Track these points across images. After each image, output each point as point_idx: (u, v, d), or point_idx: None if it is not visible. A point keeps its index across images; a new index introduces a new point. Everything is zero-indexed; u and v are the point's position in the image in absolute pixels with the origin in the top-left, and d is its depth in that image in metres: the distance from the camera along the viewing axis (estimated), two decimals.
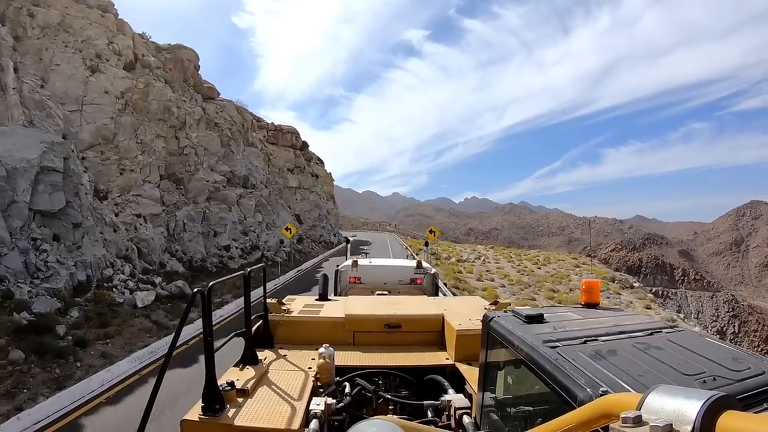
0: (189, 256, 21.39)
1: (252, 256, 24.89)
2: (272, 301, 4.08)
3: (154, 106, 23.19)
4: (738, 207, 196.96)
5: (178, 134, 24.43)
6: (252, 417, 2.42)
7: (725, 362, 1.76)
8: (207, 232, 23.58)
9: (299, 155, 52.12)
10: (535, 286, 25.39)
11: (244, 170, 29.13)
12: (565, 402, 1.62)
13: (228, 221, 24.70)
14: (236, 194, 26.72)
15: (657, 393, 0.98)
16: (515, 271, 30.32)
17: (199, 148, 25.36)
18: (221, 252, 23.25)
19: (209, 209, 24.24)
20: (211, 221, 24.08)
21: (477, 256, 36.22)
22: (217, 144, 26.80)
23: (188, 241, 21.72)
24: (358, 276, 7.60)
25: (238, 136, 30.05)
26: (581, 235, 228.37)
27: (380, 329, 3.94)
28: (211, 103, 29.58)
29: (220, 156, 26.78)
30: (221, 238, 23.85)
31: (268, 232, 28.94)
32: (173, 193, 22.88)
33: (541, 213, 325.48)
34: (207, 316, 2.36)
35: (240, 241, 25.20)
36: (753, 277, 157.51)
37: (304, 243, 40.44)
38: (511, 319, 2.33)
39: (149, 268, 18.41)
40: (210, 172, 25.67)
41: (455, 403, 2.76)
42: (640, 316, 2.56)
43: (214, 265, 22.14)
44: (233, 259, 23.39)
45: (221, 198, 25.41)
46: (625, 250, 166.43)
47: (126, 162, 21.15)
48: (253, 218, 27.75)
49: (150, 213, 20.61)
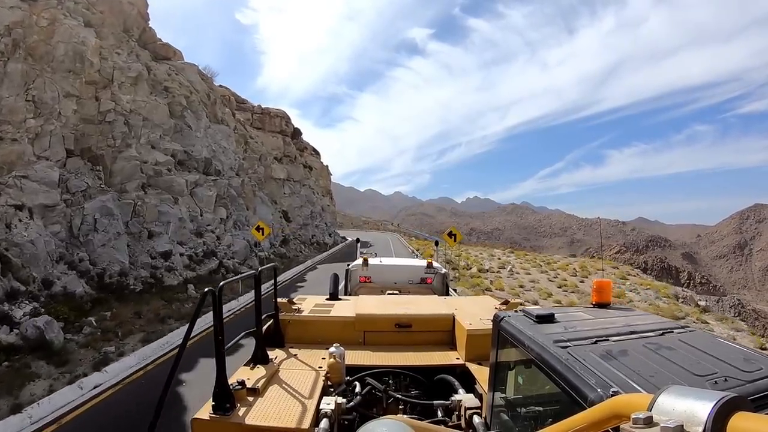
0: (100, 267, 14.49)
1: (204, 266, 17.94)
2: (283, 301, 4.07)
3: (60, 51, 16.26)
4: (742, 210, 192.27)
5: (100, 94, 17.50)
6: (262, 416, 2.42)
7: (737, 363, 1.73)
8: (137, 232, 16.66)
9: (289, 143, 45.14)
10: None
11: (206, 152, 22.19)
12: (575, 402, 1.60)
13: (172, 217, 17.78)
14: (188, 181, 19.76)
15: (668, 394, 0.96)
16: (555, 285, 23.41)
17: (133, 117, 18.42)
18: (156, 261, 16.32)
19: (143, 201, 17.32)
20: (146, 217, 17.17)
21: (500, 263, 29.22)
22: (163, 114, 19.86)
23: (100, 246, 14.81)
24: (369, 275, 7.56)
25: (199, 108, 23.09)
26: (584, 236, 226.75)
27: (391, 329, 3.90)
28: (163, 64, 22.64)
29: (166, 130, 19.83)
30: (159, 240, 16.93)
31: (235, 233, 22.00)
32: (85, 176, 15.97)
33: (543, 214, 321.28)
34: (218, 315, 2.40)
35: (190, 245, 18.26)
36: (756, 281, 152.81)
37: (290, 245, 33.47)
38: (522, 318, 2.33)
39: (19, 290, 11.56)
40: (150, 149, 18.74)
41: (465, 403, 2.74)
42: (651, 316, 2.53)
43: (140, 281, 15.23)
44: (174, 270, 16.46)
45: (164, 185, 18.49)
46: (630, 252, 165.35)
47: (7, 128, 14.26)
48: (213, 214, 20.80)
49: (40, 203, 13.70)
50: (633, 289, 23.93)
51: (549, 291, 21.40)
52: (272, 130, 42.91)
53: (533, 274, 25.53)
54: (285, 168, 40.74)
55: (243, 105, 42.37)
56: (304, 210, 43.06)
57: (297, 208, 41.17)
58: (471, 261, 28.42)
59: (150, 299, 14.04)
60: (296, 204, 41.10)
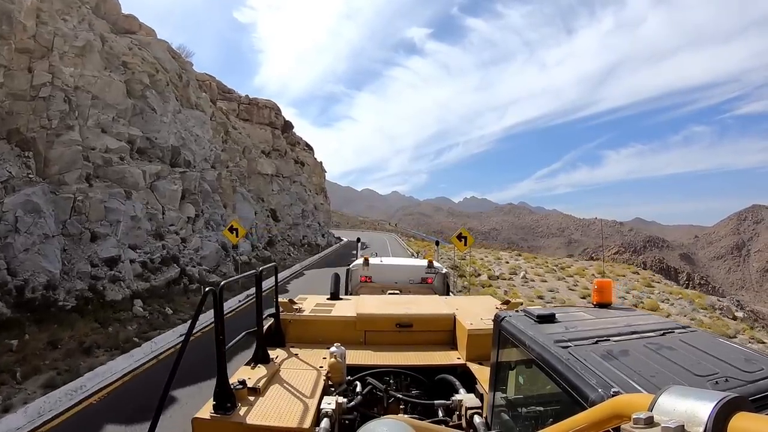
0: (20, 279, 11.35)
1: (161, 275, 14.75)
2: (284, 300, 4.02)
3: None
4: (739, 211, 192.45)
5: (34, 65, 14.32)
6: (263, 415, 2.42)
7: (738, 363, 1.73)
8: (77, 234, 13.50)
9: (279, 136, 41.91)
10: None
11: (174, 139, 19.02)
12: (576, 402, 1.60)
13: (122, 215, 14.63)
14: (147, 172, 16.59)
15: (669, 394, 0.97)
16: (576, 295, 20.46)
17: (78, 94, 15.25)
18: (98, 270, 13.16)
19: (87, 195, 14.16)
20: (89, 216, 14.02)
21: (510, 268, 26.21)
22: (118, 92, 16.68)
23: (22, 251, 11.66)
24: (369, 275, 7.54)
25: (167, 89, 19.89)
26: (581, 236, 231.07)
27: (391, 328, 3.90)
28: (125, 38, 19.45)
29: (122, 111, 16.65)
30: (104, 244, 13.78)
31: (207, 235, 18.84)
32: (9, 164, 12.81)
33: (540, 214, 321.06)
34: (219, 315, 2.39)
35: (145, 249, 15.09)
36: (754, 282, 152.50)
37: (277, 247, 30.34)
38: (523, 318, 2.33)
39: None
40: (99, 134, 15.58)
41: (466, 403, 2.74)
42: (652, 317, 2.53)
43: (74, 296, 12.07)
44: (120, 281, 13.31)
45: (115, 177, 15.33)
46: (628, 252, 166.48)
47: None
48: (177, 212, 17.63)
49: None
50: (664, 299, 20.97)
51: (572, 303, 18.41)
52: (260, 122, 39.69)
53: (550, 282, 22.52)
54: (273, 163, 37.54)
55: (229, 95, 39.15)
56: (295, 208, 39.90)
57: (286, 206, 38.01)
58: (479, 266, 25.37)
59: (78, 321, 10.89)
60: (286, 202, 37.93)
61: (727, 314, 22.53)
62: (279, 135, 41.88)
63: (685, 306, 20.19)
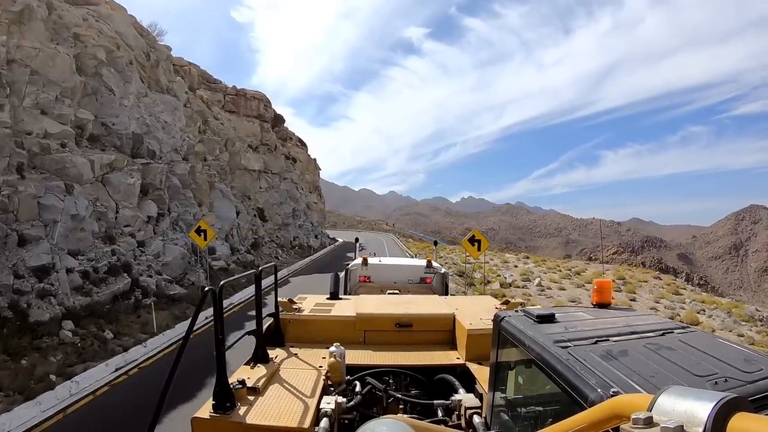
0: None
1: (107, 288, 12.01)
2: (283, 300, 4.00)
3: None
4: (737, 211, 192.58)
5: None
6: (263, 415, 2.40)
7: (737, 363, 1.72)
8: (0, 237, 10.79)
9: (268, 129, 39.13)
10: None
11: (136, 126, 16.29)
12: (575, 402, 1.58)
13: (61, 214, 11.91)
14: (97, 163, 13.86)
15: (668, 394, 0.96)
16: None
17: (14, 69, 12.55)
18: (24, 282, 10.44)
19: (16, 189, 11.44)
20: (17, 214, 11.30)
21: (521, 273, 23.62)
22: (65, 67, 13.95)
23: None
24: (368, 275, 7.57)
25: (128, 68, 17.14)
26: (579, 236, 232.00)
27: (391, 328, 3.88)
28: (80, 8, 16.71)
29: (68, 90, 13.92)
30: (34, 250, 11.06)
31: (172, 237, 16.11)
32: None
33: (538, 214, 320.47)
34: (218, 315, 2.37)
35: (89, 256, 12.36)
36: (752, 282, 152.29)
37: (263, 249, 27.61)
38: (523, 318, 2.31)
39: None
40: (37, 116, 12.85)
41: (466, 403, 2.72)
42: (652, 317, 2.51)
43: None
44: (50, 297, 10.58)
45: (53, 167, 12.61)
46: (627, 252, 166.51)
47: None
48: (135, 210, 14.89)
49: None
50: (699, 309, 18.46)
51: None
52: (248, 114, 36.93)
53: (569, 290, 19.96)
54: (261, 158, 34.79)
55: (214, 85, 36.40)
56: (285, 207, 37.18)
57: (275, 205, 35.28)
58: (487, 271, 22.77)
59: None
60: (274, 200, 35.21)
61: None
62: (268, 128, 39.14)
63: (724, 318, 17.68)
